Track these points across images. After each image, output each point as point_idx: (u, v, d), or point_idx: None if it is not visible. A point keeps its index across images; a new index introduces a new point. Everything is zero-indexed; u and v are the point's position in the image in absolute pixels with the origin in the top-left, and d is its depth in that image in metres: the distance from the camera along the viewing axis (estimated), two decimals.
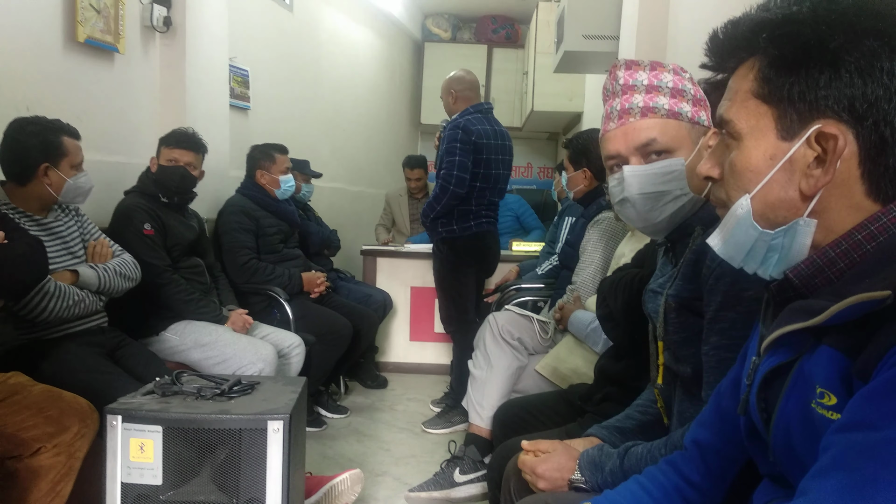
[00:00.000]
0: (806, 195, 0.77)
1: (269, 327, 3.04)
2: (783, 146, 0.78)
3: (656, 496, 1.06)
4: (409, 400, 4.02)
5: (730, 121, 0.83)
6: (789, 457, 0.78)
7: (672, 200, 1.28)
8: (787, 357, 0.79)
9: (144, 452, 1.53)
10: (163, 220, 2.75)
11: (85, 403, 1.83)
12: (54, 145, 2.24)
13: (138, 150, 3.03)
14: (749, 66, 0.81)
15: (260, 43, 4.49)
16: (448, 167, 3.32)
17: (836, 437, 0.66)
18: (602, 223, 2.64)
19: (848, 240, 0.75)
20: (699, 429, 1.05)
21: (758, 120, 0.80)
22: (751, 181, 0.80)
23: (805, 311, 0.75)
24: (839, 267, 0.76)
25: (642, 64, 1.27)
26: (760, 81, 0.79)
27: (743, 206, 0.81)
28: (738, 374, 0.97)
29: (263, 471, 1.57)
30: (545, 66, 5.62)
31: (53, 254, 2.26)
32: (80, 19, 2.72)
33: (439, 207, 3.38)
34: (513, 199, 5.33)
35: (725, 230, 0.85)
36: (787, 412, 0.77)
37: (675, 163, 1.26)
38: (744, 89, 0.81)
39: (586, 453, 1.30)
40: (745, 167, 0.81)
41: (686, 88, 1.24)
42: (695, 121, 1.24)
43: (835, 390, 0.70)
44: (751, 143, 0.80)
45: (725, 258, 0.88)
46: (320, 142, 5.45)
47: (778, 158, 0.78)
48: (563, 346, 2.45)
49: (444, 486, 2.59)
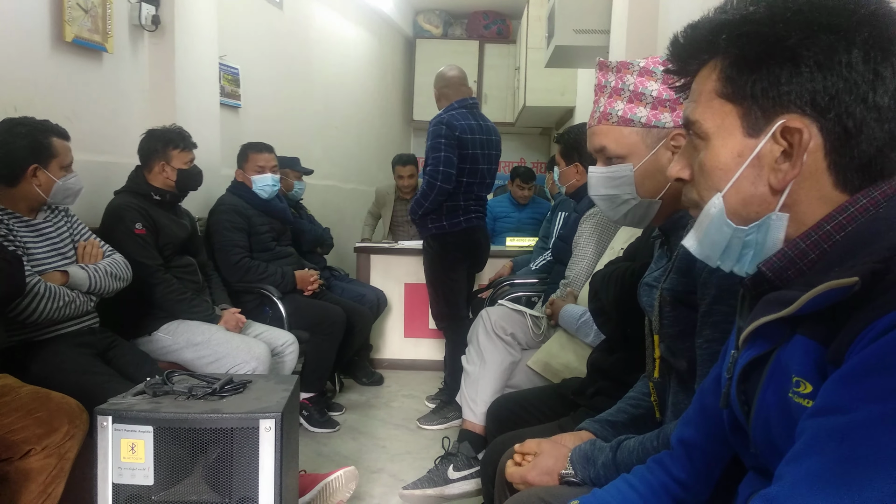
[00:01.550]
0: (776, 189, 0.78)
1: (262, 326, 3.03)
2: (750, 143, 0.79)
3: (644, 494, 1.06)
4: (404, 396, 4.02)
5: (696, 121, 0.84)
6: (769, 447, 0.79)
7: (622, 204, 1.33)
8: (763, 349, 0.80)
9: (135, 453, 1.52)
10: (154, 219, 2.73)
11: (74, 404, 1.82)
12: (43, 146, 2.23)
13: (128, 150, 3.02)
14: (711, 68, 0.82)
15: (250, 41, 4.48)
16: (433, 163, 3.32)
17: (809, 423, 0.67)
18: (594, 217, 2.64)
19: (817, 231, 0.77)
20: (684, 427, 1.06)
21: (723, 119, 0.81)
22: (721, 179, 0.82)
23: (778, 301, 0.76)
24: (810, 258, 0.77)
25: (611, 66, 1.29)
26: (723, 81, 0.80)
27: (716, 204, 0.82)
28: (719, 370, 0.98)
29: (256, 470, 1.57)
30: (537, 62, 5.62)
31: (43, 255, 2.25)
32: (67, 19, 2.70)
33: (427, 204, 3.38)
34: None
35: (700, 230, 0.86)
36: (765, 403, 0.78)
37: (623, 168, 1.30)
38: (707, 90, 0.82)
39: (578, 448, 1.30)
40: (714, 166, 0.82)
41: (647, 91, 1.26)
42: (650, 125, 1.26)
43: (810, 378, 0.71)
44: (718, 142, 0.82)
45: (702, 258, 0.89)
46: (313, 139, 5.44)
47: (746, 155, 0.79)
48: (555, 342, 2.45)
49: (438, 483, 2.59)
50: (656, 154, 1.27)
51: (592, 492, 1.12)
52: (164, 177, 2.81)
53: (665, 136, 1.26)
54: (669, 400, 1.33)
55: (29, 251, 2.20)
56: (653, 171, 1.28)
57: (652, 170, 1.28)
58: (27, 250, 2.20)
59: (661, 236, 1.39)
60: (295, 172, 4.08)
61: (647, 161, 1.28)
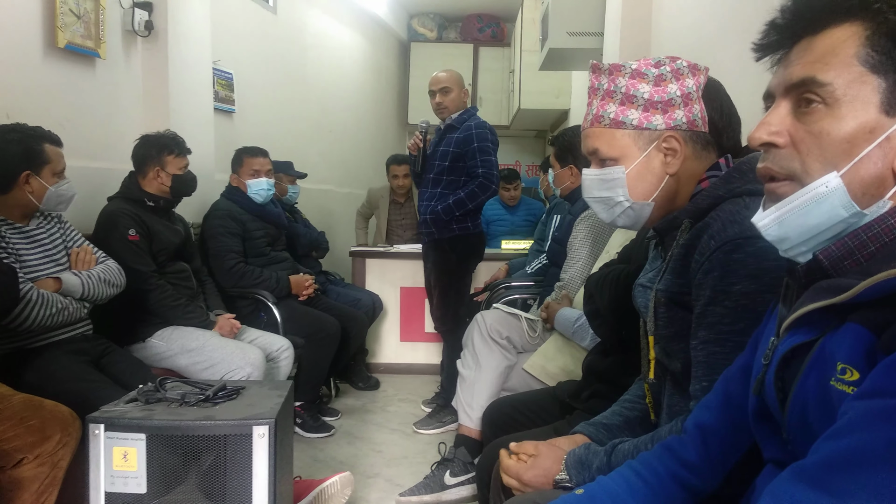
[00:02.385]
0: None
1: (257, 331, 3.02)
2: (885, 121, 0.74)
3: (651, 482, 1.04)
4: (400, 401, 4.01)
5: (829, 83, 0.76)
6: (803, 434, 0.77)
7: (615, 206, 1.32)
8: (808, 336, 0.78)
9: (128, 461, 1.52)
10: (148, 226, 2.73)
11: (67, 411, 1.81)
12: (36, 153, 2.22)
13: (122, 156, 3.01)
14: (849, 31, 0.76)
15: (244, 46, 4.47)
16: (487, 166, 3.35)
17: (854, 404, 0.66)
18: (589, 219, 2.63)
19: (880, 224, 0.75)
20: (703, 411, 1.04)
21: (860, 88, 0.75)
22: (844, 153, 0.76)
23: (831, 289, 0.74)
24: (870, 250, 0.75)
25: (603, 68, 1.29)
26: (871, 49, 0.75)
27: (829, 182, 0.76)
28: (747, 360, 0.97)
29: (249, 477, 1.56)
30: (531, 64, 5.63)
31: (36, 262, 2.24)
32: (59, 25, 2.70)
33: (472, 206, 3.39)
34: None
35: (788, 208, 0.80)
36: (804, 390, 0.77)
37: (615, 171, 1.29)
38: (847, 53, 0.76)
39: (573, 453, 1.29)
40: (840, 136, 0.76)
41: (638, 93, 1.25)
42: (642, 127, 1.25)
43: (858, 366, 0.69)
44: (848, 111, 0.76)
45: (775, 240, 0.83)
46: (308, 144, 5.44)
47: (878, 133, 0.74)
48: (550, 345, 2.45)
49: (435, 490, 2.59)
50: (648, 156, 1.27)
51: (597, 479, 1.11)
52: (158, 182, 2.80)
53: (657, 139, 1.26)
54: (664, 402, 1.33)
55: (21, 258, 2.19)
56: (645, 173, 1.28)
57: (644, 172, 1.28)
58: (20, 257, 2.19)
59: (656, 237, 1.38)
60: (289, 177, 4.08)
61: (639, 163, 1.28)
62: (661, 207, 1.31)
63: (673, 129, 1.24)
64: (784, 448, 0.83)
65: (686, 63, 1.25)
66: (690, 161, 1.26)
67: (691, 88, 1.24)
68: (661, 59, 1.26)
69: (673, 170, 1.26)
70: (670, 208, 1.30)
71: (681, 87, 1.24)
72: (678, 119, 1.24)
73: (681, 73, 1.24)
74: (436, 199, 3.43)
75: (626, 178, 1.28)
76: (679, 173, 1.27)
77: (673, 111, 1.24)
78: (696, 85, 1.25)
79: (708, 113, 1.25)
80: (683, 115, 1.24)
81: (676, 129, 1.24)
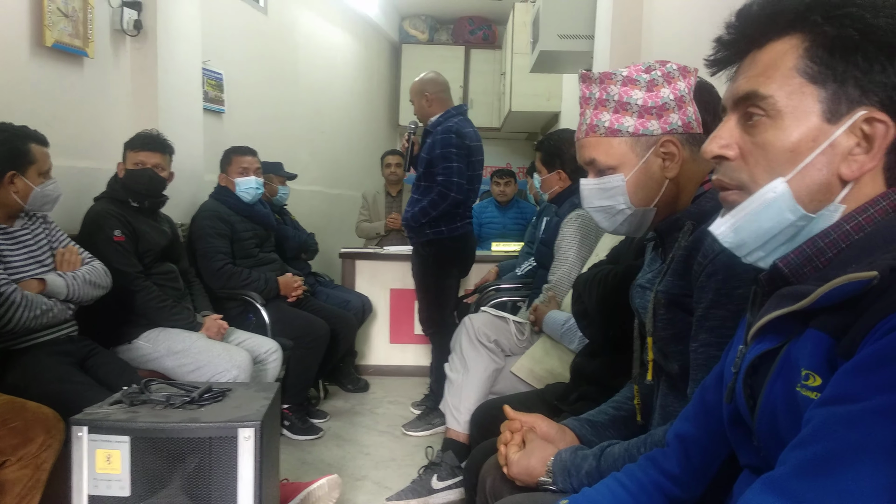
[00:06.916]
0: (845, 180, 0.77)
1: (245, 333, 3.00)
2: (827, 129, 0.77)
3: (635, 492, 1.05)
4: (389, 403, 4.00)
5: (768, 96, 0.79)
6: (773, 440, 0.78)
7: (617, 214, 1.32)
8: (774, 343, 0.79)
9: (111, 464, 1.50)
10: (134, 226, 2.71)
11: (50, 413, 1.79)
12: (21, 152, 2.20)
13: (110, 156, 2.99)
14: (790, 43, 0.79)
15: (234, 46, 4.45)
16: (446, 173, 3.27)
17: (817, 411, 0.67)
18: (576, 221, 2.63)
19: (836, 230, 0.77)
20: (683, 423, 1.05)
21: (801, 99, 0.77)
22: (788, 162, 0.78)
23: (792, 296, 0.76)
24: (827, 256, 0.77)
25: (594, 77, 1.29)
26: (809, 60, 0.77)
27: (775, 189, 0.78)
28: (722, 367, 0.98)
29: (235, 479, 1.55)
30: (522, 67, 5.64)
31: (20, 263, 2.22)
32: (47, 23, 2.68)
33: (435, 213, 3.33)
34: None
35: (741, 215, 0.82)
36: (772, 396, 0.78)
37: (614, 179, 1.29)
38: (786, 66, 0.78)
39: (559, 458, 1.28)
40: (784, 147, 0.78)
41: (632, 100, 1.25)
42: (638, 134, 1.26)
43: (820, 371, 0.71)
44: (791, 122, 0.78)
45: (732, 246, 0.85)
46: (298, 145, 5.42)
47: (820, 141, 0.77)
48: (538, 347, 2.45)
49: (422, 494, 2.58)
50: (647, 162, 1.27)
51: (582, 491, 1.11)
52: (119, 175, 2.79)
53: (654, 144, 1.26)
54: (657, 403, 1.33)
55: (5, 259, 2.17)
56: (645, 180, 1.28)
57: (644, 178, 1.28)
58: (3, 258, 2.16)
59: (655, 238, 1.38)
60: (278, 177, 4.05)
61: (638, 170, 1.28)
62: (663, 212, 1.31)
63: (669, 133, 1.25)
64: (758, 454, 0.84)
65: (676, 66, 1.26)
66: (689, 164, 1.26)
67: (683, 91, 1.25)
68: (651, 64, 1.27)
69: (672, 174, 1.26)
70: (672, 212, 1.30)
71: (673, 91, 1.24)
72: (674, 123, 1.24)
73: (672, 76, 1.25)
74: (412, 204, 3.44)
75: (626, 186, 1.29)
76: (678, 177, 1.27)
77: (668, 115, 1.25)
78: (688, 87, 1.25)
79: (700, 114, 1.26)
80: (678, 119, 1.25)
81: (673, 133, 1.25)
